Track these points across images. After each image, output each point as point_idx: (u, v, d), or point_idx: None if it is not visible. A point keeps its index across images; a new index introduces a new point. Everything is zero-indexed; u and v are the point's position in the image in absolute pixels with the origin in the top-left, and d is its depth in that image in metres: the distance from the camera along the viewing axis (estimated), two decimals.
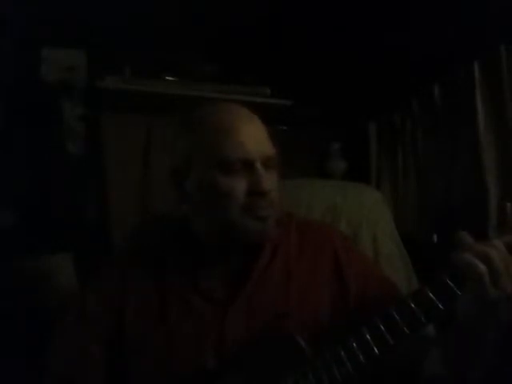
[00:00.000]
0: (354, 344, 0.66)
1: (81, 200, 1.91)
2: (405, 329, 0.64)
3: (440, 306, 0.63)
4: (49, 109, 1.89)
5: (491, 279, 0.60)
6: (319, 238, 0.88)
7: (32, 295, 1.51)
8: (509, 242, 0.63)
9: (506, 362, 0.86)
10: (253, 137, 0.76)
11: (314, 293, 0.80)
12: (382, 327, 0.65)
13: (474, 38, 1.52)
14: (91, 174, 1.91)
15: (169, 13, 1.93)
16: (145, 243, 0.89)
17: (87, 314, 0.82)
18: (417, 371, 0.74)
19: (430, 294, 0.64)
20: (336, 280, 0.82)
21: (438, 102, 1.77)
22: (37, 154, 1.85)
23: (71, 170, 1.90)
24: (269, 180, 0.75)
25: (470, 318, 0.64)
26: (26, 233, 1.74)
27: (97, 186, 1.89)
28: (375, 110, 2.19)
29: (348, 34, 2.00)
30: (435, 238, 1.79)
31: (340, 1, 1.93)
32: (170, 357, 0.76)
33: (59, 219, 1.84)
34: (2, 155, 1.76)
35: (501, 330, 0.65)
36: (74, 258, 1.66)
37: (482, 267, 0.60)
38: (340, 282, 0.82)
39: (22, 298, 1.49)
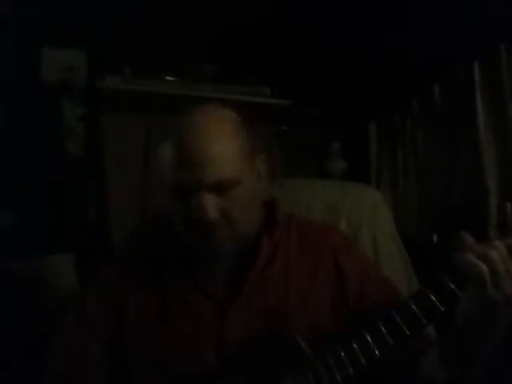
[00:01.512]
0: (355, 345, 0.66)
1: (81, 200, 1.91)
2: (405, 330, 0.64)
3: (441, 307, 0.63)
4: (49, 109, 1.89)
5: (492, 281, 0.60)
6: (319, 238, 0.87)
7: (32, 295, 1.52)
8: (510, 243, 0.63)
9: (506, 362, 0.86)
10: (201, 160, 0.70)
11: (313, 293, 0.80)
12: (383, 328, 0.65)
13: (474, 37, 1.52)
14: (91, 174, 1.91)
15: (169, 13, 1.94)
16: (145, 243, 0.89)
17: (87, 314, 0.82)
18: (414, 370, 0.74)
19: (431, 296, 0.64)
20: (336, 280, 0.82)
21: (438, 102, 1.77)
22: (37, 154, 1.85)
23: (71, 170, 1.90)
24: (217, 205, 0.72)
25: (470, 319, 0.64)
26: (26, 233, 1.74)
27: (97, 186, 1.89)
28: (375, 110, 2.19)
29: (348, 34, 2.00)
30: (435, 238, 1.79)
31: (340, 1, 1.93)
32: (170, 357, 0.76)
33: (59, 219, 1.84)
34: (2, 155, 1.76)
35: (501, 331, 0.64)
36: (74, 258, 1.66)
37: (484, 268, 0.60)
38: (340, 282, 0.82)
39: (22, 298, 1.49)
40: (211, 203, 0.71)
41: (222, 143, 0.72)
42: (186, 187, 0.72)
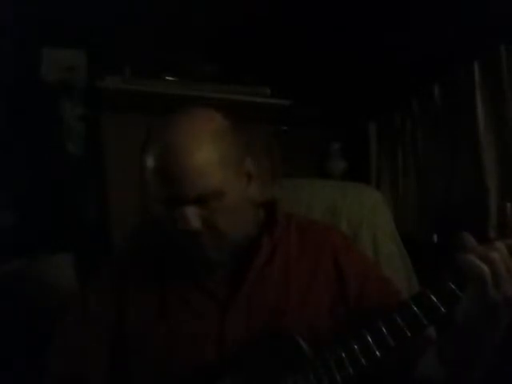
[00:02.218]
0: (355, 345, 0.66)
1: (81, 200, 1.91)
2: (406, 331, 0.64)
3: (442, 308, 0.63)
4: (49, 109, 1.89)
5: (493, 281, 0.60)
6: (319, 237, 0.87)
7: (32, 295, 1.51)
8: (510, 244, 0.63)
9: (506, 362, 0.86)
10: (180, 175, 0.68)
11: (313, 292, 0.80)
12: (384, 329, 0.65)
13: (474, 37, 1.52)
14: (91, 174, 1.91)
15: (169, 13, 1.94)
16: (145, 243, 0.89)
17: (87, 313, 0.82)
18: (413, 370, 0.74)
19: (432, 297, 0.64)
20: (336, 280, 0.82)
21: (438, 101, 1.77)
22: (37, 154, 1.85)
23: (71, 170, 1.90)
24: (201, 216, 0.71)
25: (470, 319, 0.64)
26: (26, 233, 1.74)
27: (97, 186, 1.88)
28: (375, 110, 2.19)
29: (348, 34, 2.00)
30: (435, 238, 1.79)
31: (340, 1, 1.93)
32: (170, 356, 0.76)
33: (59, 219, 1.84)
34: (2, 155, 1.76)
35: (501, 330, 0.64)
36: (74, 258, 1.66)
37: (485, 269, 0.60)
38: (340, 282, 0.82)
39: (22, 298, 1.49)
40: (194, 214, 0.70)
41: (201, 156, 0.69)
42: (166, 200, 0.71)
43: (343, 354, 0.66)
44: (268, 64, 2.06)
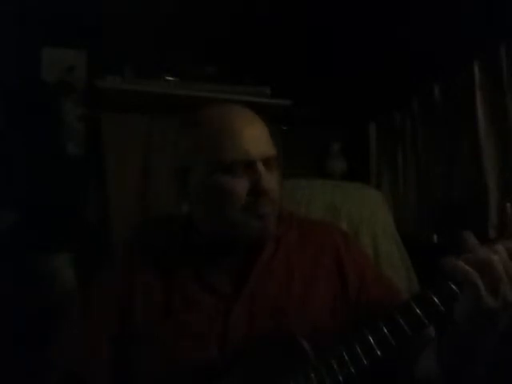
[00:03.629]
0: (357, 345, 0.66)
1: (81, 200, 1.91)
2: (407, 331, 0.64)
3: (442, 308, 0.63)
4: (49, 109, 1.89)
5: (492, 285, 0.59)
6: (320, 235, 0.89)
7: (32, 295, 1.52)
8: (510, 247, 0.62)
9: (506, 361, 0.86)
10: (254, 138, 0.76)
11: (315, 290, 0.81)
12: (385, 329, 0.65)
13: (474, 37, 1.52)
14: (91, 174, 1.91)
15: (169, 13, 1.94)
16: (148, 242, 0.89)
17: (91, 312, 0.82)
18: (412, 368, 0.75)
19: (433, 297, 0.64)
20: (337, 277, 0.83)
21: (438, 101, 1.77)
22: (37, 154, 1.85)
23: (71, 170, 1.90)
24: (270, 179, 0.76)
25: (467, 320, 0.64)
26: (26, 233, 1.74)
27: (97, 185, 1.89)
28: (375, 110, 2.19)
29: (348, 33, 2.00)
30: (435, 238, 1.79)
31: (340, 1, 1.93)
32: (173, 355, 0.76)
33: (59, 219, 1.84)
34: (2, 155, 1.76)
35: (498, 334, 0.64)
36: (74, 258, 1.66)
37: (475, 274, 0.59)
38: (340, 279, 0.83)
39: (23, 298, 1.49)
40: (267, 176, 0.76)
41: (263, 125, 0.81)
42: (248, 162, 0.75)
43: (344, 354, 0.66)
44: (268, 64, 2.06)
